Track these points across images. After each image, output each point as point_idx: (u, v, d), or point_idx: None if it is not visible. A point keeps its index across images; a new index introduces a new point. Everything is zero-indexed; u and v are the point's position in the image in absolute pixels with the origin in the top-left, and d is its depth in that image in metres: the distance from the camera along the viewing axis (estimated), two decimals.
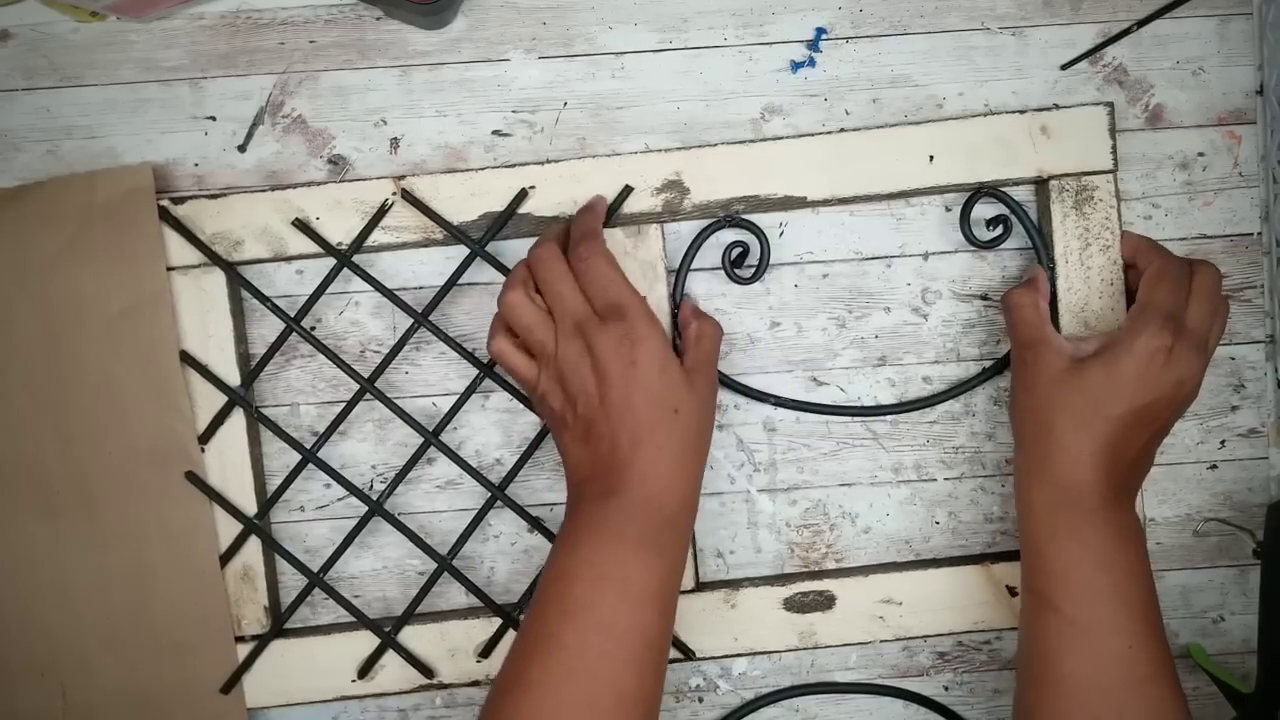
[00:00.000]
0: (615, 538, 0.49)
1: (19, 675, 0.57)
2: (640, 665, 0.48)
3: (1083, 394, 0.51)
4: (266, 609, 0.58)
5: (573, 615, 0.48)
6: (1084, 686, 0.49)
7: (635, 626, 0.48)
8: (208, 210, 0.56)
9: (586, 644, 0.47)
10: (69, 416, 0.56)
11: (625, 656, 0.47)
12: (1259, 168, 0.59)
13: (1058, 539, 0.51)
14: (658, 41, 0.58)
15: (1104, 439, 0.51)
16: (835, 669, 0.60)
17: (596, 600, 0.48)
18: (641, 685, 0.48)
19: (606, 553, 0.49)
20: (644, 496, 0.50)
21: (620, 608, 0.48)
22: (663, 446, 0.50)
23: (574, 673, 0.47)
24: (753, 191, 0.57)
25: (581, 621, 0.48)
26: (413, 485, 0.60)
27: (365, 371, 0.58)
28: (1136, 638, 0.50)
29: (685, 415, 0.51)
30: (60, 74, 0.58)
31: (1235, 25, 0.59)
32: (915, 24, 0.59)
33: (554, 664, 0.47)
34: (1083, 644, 0.50)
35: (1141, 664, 0.50)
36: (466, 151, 0.59)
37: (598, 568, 0.49)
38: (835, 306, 0.59)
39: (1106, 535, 0.51)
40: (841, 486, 0.60)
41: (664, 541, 0.50)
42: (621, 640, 0.47)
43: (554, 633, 0.48)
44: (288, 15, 0.58)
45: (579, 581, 0.48)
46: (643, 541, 0.49)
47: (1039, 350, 0.53)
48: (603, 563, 0.49)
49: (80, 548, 0.56)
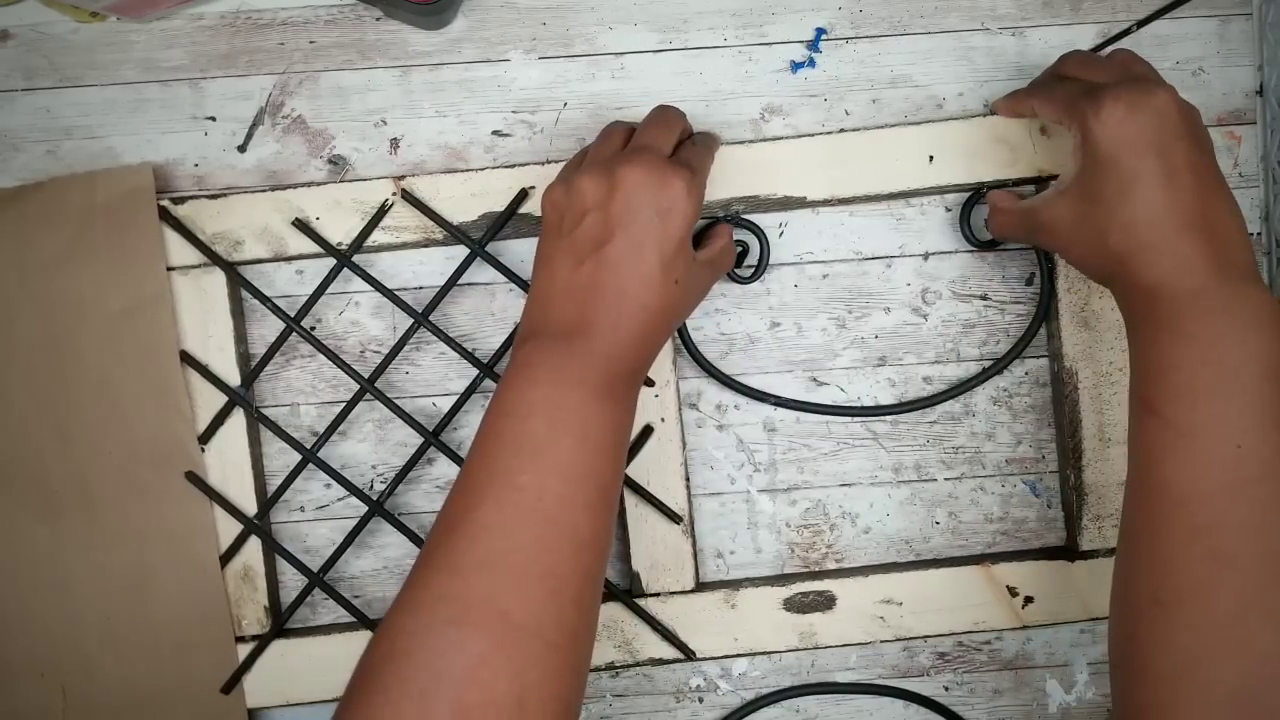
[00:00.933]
0: (577, 381, 0.46)
1: (19, 675, 0.57)
2: (595, 512, 0.46)
3: (1096, 209, 0.47)
4: (266, 609, 0.58)
5: (529, 455, 0.45)
6: (1183, 495, 0.44)
7: (592, 473, 0.46)
8: (208, 210, 0.56)
9: (545, 487, 0.44)
10: (69, 416, 0.56)
11: (582, 503, 0.45)
12: (1259, 168, 0.59)
13: (1156, 334, 0.46)
14: (658, 42, 0.58)
15: (1157, 220, 0.45)
16: (835, 669, 0.60)
17: (555, 442, 0.45)
18: (596, 532, 0.46)
19: (566, 395, 0.46)
20: (611, 345, 0.47)
21: (578, 453, 0.45)
22: (649, 305, 0.48)
23: (531, 515, 0.44)
24: (753, 191, 0.57)
25: (539, 463, 0.45)
26: (413, 485, 0.60)
27: (365, 371, 0.58)
28: (1247, 435, 0.43)
29: (683, 289, 0.49)
30: (60, 74, 0.58)
31: (1235, 25, 0.59)
32: (915, 24, 0.59)
33: (509, 505, 0.44)
34: (1183, 449, 0.44)
35: (1251, 464, 0.43)
36: (466, 151, 0.59)
37: (556, 409, 0.46)
38: (835, 306, 0.59)
39: (1212, 321, 0.45)
40: (841, 487, 0.60)
41: (620, 393, 0.48)
42: (580, 486, 0.45)
43: (508, 470, 0.45)
44: (288, 15, 0.58)
45: (536, 420, 0.46)
46: (602, 390, 0.46)
47: (1040, 218, 0.51)
48: (562, 404, 0.46)
49: (80, 548, 0.56)
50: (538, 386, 0.46)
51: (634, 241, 0.47)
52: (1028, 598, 0.58)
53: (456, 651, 0.41)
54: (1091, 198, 0.48)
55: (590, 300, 0.48)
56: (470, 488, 0.45)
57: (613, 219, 0.48)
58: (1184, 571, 0.44)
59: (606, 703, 0.60)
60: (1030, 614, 0.58)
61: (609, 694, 0.60)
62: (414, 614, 0.43)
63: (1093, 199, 0.48)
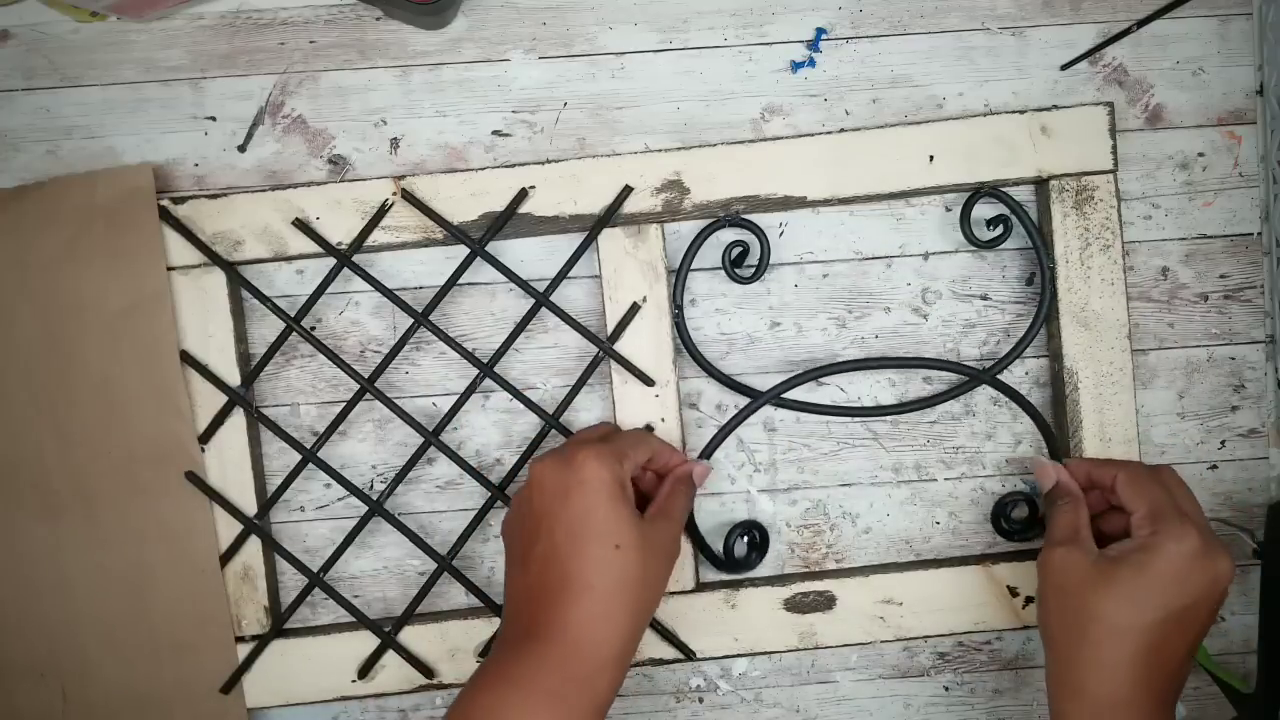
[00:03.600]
0: (525, 689, 0.45)
1: (19, 675, 0.57)
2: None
3: (1116, 599, 0.48)
4: (266, 609, 0.58)
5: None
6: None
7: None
8: (208, 210, 0.56)
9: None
10: (69, 416, 0.56)
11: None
12: (1259, 168, 0.59)
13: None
14: (658, 41, 0.58)
15: (1142, 648, 0.48)
16: (835, 669, 0.60)
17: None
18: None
19: (513, 704, 0.45)
20: (566, 642, 0.46)
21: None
22: (593, 585, 0.47)
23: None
24: (753, 191, 0.57)
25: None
26: (413, 485, 0.60)
27: (365, 371, 0.58)
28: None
29: (628, 553, 0.47)
30: (60, 74, 0.58)
31: (1235, 25, 0.59)
32: (915, 24, 0.59)
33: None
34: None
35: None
36: (466, 151, 0.59)
37: (498, 717, 0.45)
38: (835, 306, 0.59)
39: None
40: (842, 487, 0.60)
41: (578, 698, 0.46)
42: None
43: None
44: (288, 15, 0.58)
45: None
46: (552, 696, 0.45)
47: (1071, 550, 0.51)
48: (506, 715, 0.45)
49: (80, 548, 0.56)
50: (489, 693, 0.46)
51: (561, 527, 0.48)
52: (1028, 598, 0.58)
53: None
54: (1115, 583, 0.49)
55: (537, 600, 0.48)
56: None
57: (535, 517, 0.49)
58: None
59: None
60: (1030, 614, 0.58)
61: None
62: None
63: (1113, 584, 0.49)
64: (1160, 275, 0.59)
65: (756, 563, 0.58)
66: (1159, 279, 0.59)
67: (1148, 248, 0.59)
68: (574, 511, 0.48)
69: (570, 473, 0.48)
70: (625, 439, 0.53)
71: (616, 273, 0.57)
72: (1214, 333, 0.60)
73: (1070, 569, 0.50)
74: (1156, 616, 0.48)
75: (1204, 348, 0.60)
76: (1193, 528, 0.49)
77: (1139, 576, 0.48)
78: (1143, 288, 0.59)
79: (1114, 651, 0.48)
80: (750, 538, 0.58)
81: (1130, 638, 0.48)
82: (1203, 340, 0.60)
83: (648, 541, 0.49)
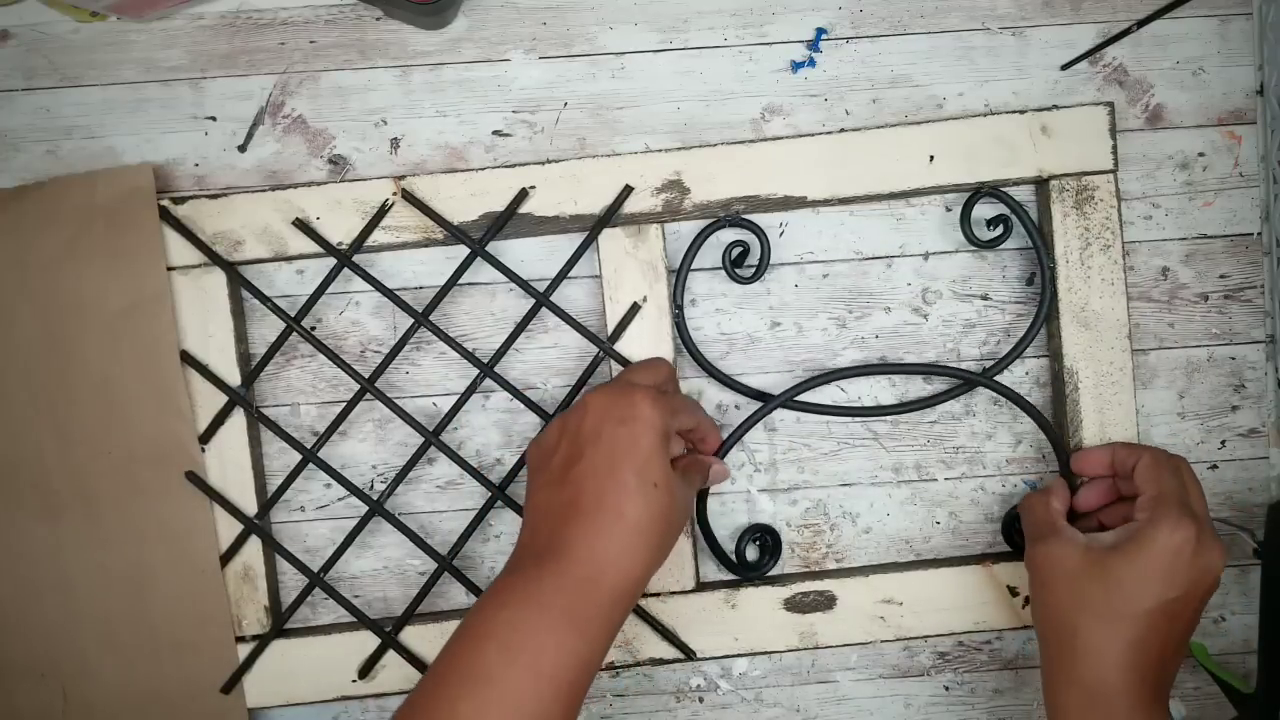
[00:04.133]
0: (543, 605, 0.45)
1: (19, 675, 0.57)
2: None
3: (1105, 589, 0.49)
4: (267, 609, 0.58)
5: (476, 683, 0.44)
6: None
7: (539, 711, 0.44)
8: (208, 210, 0.56)
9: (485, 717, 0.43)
10: (69, 416, 0.56)
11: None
12: (1259, 168, 0.59)
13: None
14: (658, 41, 0.58)
15: (1132, 637, 0.48)
16: (836, 669, 0.60)
17: (504, 673, 0.44)
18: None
19: (527, 618, 0.45)
20: (586, 566, 0.46)
21: (528, 686, 0.44)
22: (626, 514, 0.47)
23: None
24: (753, 191, 0.57)
25: (484, 693, 0.43)
26: (413, 485, 0.60)
27: (365, 371, 0.58)
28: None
29: (662, 494, 0.48)
30: (60, 74, 0.58)
31: (1235, 25, 0.59)
32: (915, 24, 0.59)
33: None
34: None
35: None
36: (466, 151, 0.59)
37: (512, 632, 0.45)
38: (835, 306, 0.59)
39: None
40: (842, 486, 0.60)
41: (593, 621, 0.46)
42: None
43: (452, 698, 0.44)
44: (288, 15, 0.58)
45: (489, 644, 0.45)
46: (569, 617, 0.45)
47: (1050, 544, 0.52)
48: (519, 628, 0.45)
49: (80, 548, 0.56)
50: (503, 609, 0.46)
51: (603, 452, 0.48)
52: (1027, 598, 0.58)
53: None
54: (1108, 571, 0.49)
55: (566, 517, 0.47)
56: (414, 710, 0.44)
57: (581, 438, 0.49)
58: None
59: (607, 702, 0.60)
60: (1030, 614, 0.58)
61: (609, 694, 0.60)
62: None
63: (1106, 572, 0.49)
64: (1160, 275, 0.59)
65: (770, 567, 0.58)
66: (1159, 279, 0.60)
67: (1148, 248, 0.59)
68: (621, 441, 0.48)
69: (627, 405, 0.48)
70: (679, 399, 0.53)
71: (617, 273, 0.57)
72: (1214, 333, 0.60)
73: (1057, 561, 0.51)
74: (1147, 605, 0.48)
75: (1204, 348, 0.60)
76: (1190, 520, 0.49)
77: (1131, 565, 0.49)
78: (1143, 288, 0.59)
79: (1105, 640, 0.49)
80: (762, 542, 0.59)
81: (1122, 626, 0.48)
82: (1203, 340, 0.60)
83: (679, 490, 0.50)
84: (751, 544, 0.59)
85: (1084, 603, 0.49)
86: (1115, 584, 0.49)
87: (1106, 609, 0.49)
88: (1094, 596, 0.49)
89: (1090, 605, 0.49)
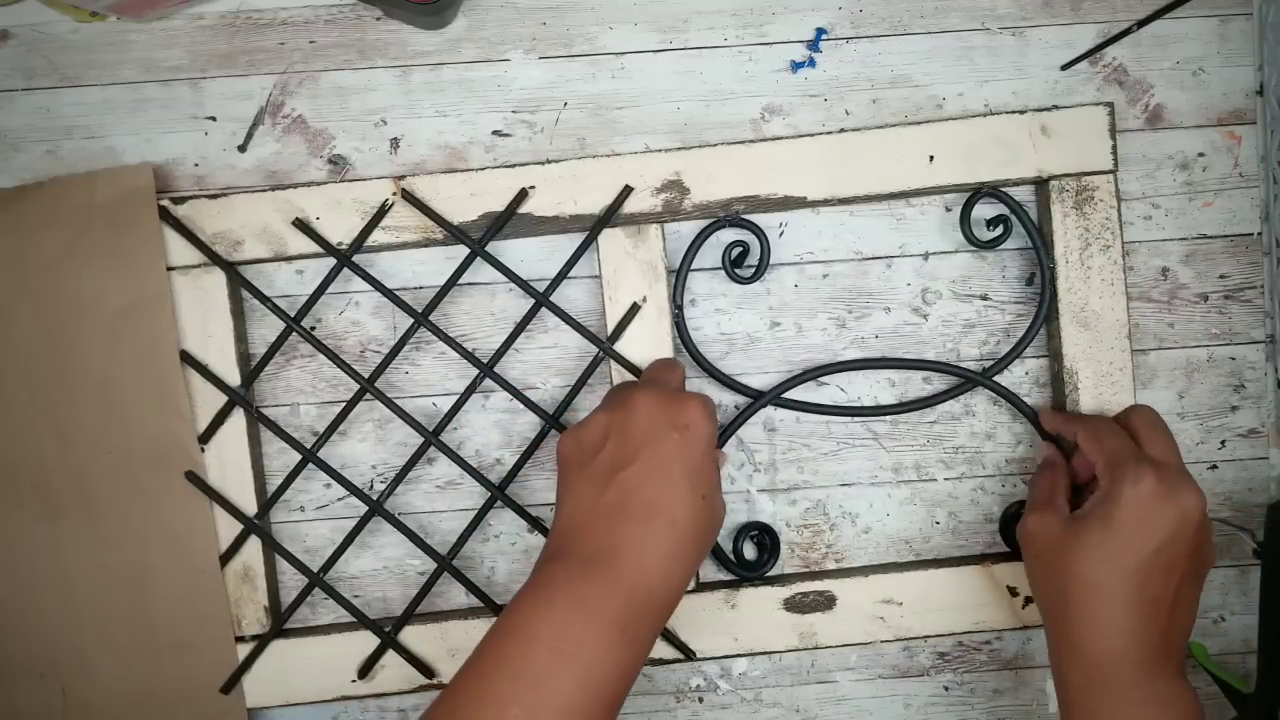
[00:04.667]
0: (595, 612, 0.44)
1: (19, 675, 0.57)
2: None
3: (1085, 553, 0.49)
4: (266, 609, 0.58)
5: (526, 685, 0.43)
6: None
7: (586, 717, 0.43)
8: (208, 210, 0.56)
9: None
10: (69, 416, 0.56)
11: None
12: (1259, 168, 0.59)
13: (1091, 712, 0.48)
14: (658, 41, 0.58)
15: (1123, 599, 0.48)
16: (835, 669, 0.60)
17: (555, 677, 0.43)
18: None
19: (579, 625, 0.44)
20: (637, 575, 0.46)
21: (578, 694, 0.43)
22: (677, 521, 0.47)
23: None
24: (753, 191, 0.57)
25: (534, 696, 0.43)
26: (413, 485, 0.60)
27: (365, 371, 0.58)
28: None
29: (709, 507, 0.48)
30: (60, 74, 0.58)
31: (1235, 25, 0.59)
32: (915, 24, 0.59)
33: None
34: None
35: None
36: (466, 151, 0.59)
37: (563, 639, 0.44)
38: (835, 306, 0.59)
39: (1145, 712, 0.47)
40: (841, 486, 0.60)
41: (639, 631, 0.46)
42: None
43: (500, 698, 0.43)
44: (288, 15, 0.58)
45: (540, 647, 0.44)
46: (619, 626, 0.45)
47: (1043, 514, 0.52)
48: (570, 635, 0.44)
49: (80, 548, 0.56)
50: (552, 610, 0.45)
51: (659, 458, 0.47)
52: (1028, 598, 0.58)
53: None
54: (1082, 539, 0.49)
55: (617, 522, 0.47)
56: (457, 706, 0.43)
57: (634, 440, 0.48)
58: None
59: None
60: (1030, 614, 0.58)
61: None
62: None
63: (1082, 541, 0.49)
64: (1160, 275, 0.59)
65: (769, 566, 0.58)
66: (1159, 279, 0.59)
67: (1148, 248, 0.59)
68: (674, 450, 0.47)
69: (680, 413, 0.48)
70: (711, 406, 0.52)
71: (616, 273, 0.57)
72: (1214, 333, 0.60)
73: (1043, 533, 0.51)
74: (1129, 564, 0.48)
75: (1204, 348, 0.60)
76: (1148, 468, 0.49)
77: (1104, 529, 0.49)
78: (1143, 288, 0.59)
79: (1096, 607, 0.49)
80: (760, 541, 0.59)
81: (1109, 591, 0.48)
82: (1203, 340, 0.60)
83: (718, 501, 0.50)
84: (749, 543, 0.59)
85: (1070, 570, 0.49)
86: (1095, 546, 0.49)
87: (1090, 573, 0.49)
88: (1077, 563, 0.49)
89: (1075, 572, 0.49)
